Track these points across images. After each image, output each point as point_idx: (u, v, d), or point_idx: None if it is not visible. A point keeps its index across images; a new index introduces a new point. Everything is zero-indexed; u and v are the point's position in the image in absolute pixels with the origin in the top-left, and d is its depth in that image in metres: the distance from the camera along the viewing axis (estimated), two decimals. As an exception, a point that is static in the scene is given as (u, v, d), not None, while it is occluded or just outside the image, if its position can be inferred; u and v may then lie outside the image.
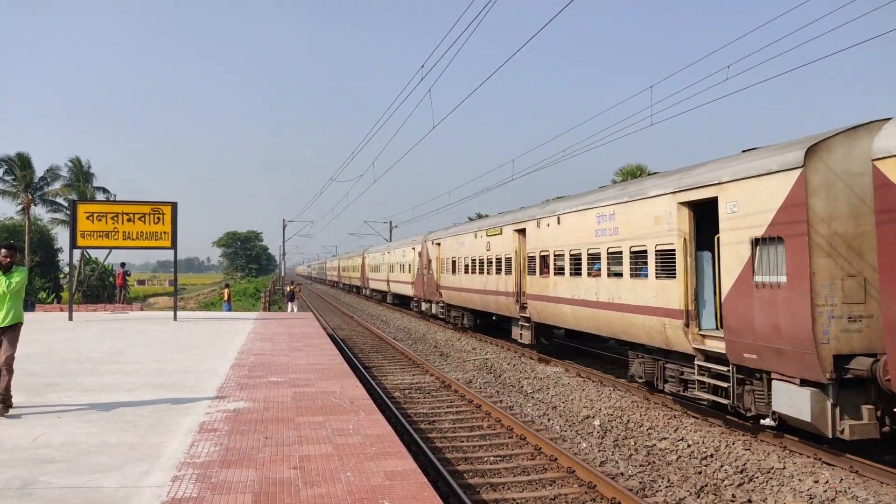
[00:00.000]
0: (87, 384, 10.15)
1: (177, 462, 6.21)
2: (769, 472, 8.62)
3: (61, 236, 54.28)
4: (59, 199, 51.41)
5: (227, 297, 34.56)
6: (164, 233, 21.22)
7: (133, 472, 5.92)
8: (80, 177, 52.66)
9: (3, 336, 8.01)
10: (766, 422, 9.43)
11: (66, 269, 50.61)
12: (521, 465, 9.19)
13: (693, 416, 11.60)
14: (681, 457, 9.51)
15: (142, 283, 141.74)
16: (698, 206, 11.01)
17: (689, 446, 9.89)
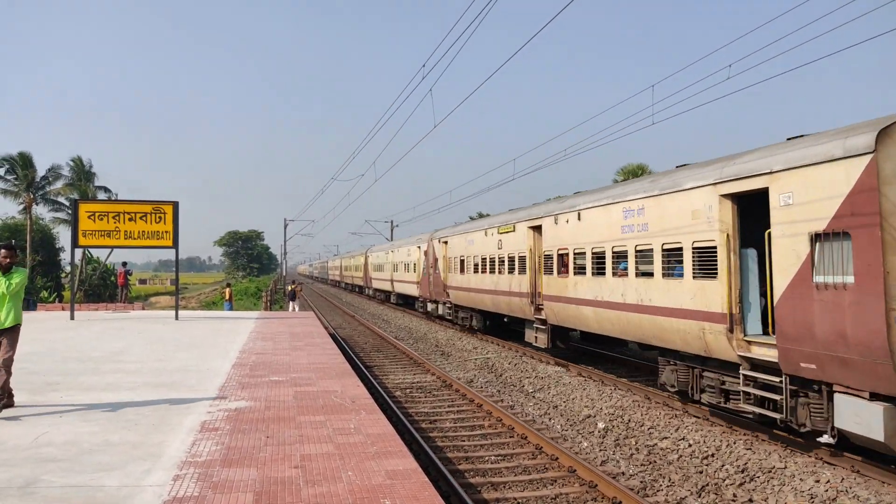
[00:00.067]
0: (88, 383, 10.16)
1: (178, 461, 6.22)
2: (770, 471, 8.62)
3: (63, 235, 54.43)
4: (60, 199, 51.54)
5: (228, 297, 34.58)
6: (166, 232, 21.26)
7: (135, 471, 5.93)
8: (82, 176, 52.75)
9: (3, 337, 7.99)
10: (825, 439, 8.58)
11: (68, 268, 50.70)
12: (522, 465, 9.19)
13: (694, 415, 11.60)
14: (682, 456, 9.51)
15: (143, 282, 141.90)
16: (743, 198, 10.03)
17: (690, 446, 9.89)
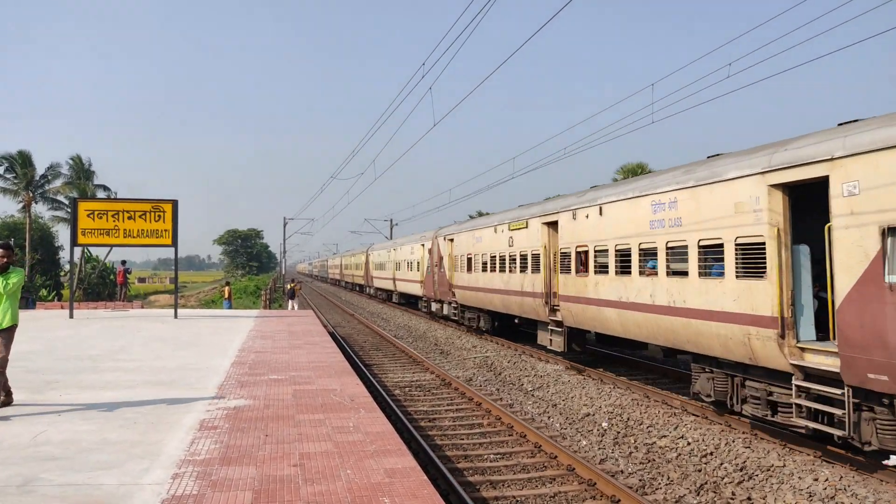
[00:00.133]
0: (87, 382, 10.16)
1: (177, 459, 6.22)
2: (769, 469, 8.63)
3: (62, 234, 54.46)
4: (59, 197, 51.57)
5: (227, 295, 34.57)
6: (165, 230, 21.25)
7: (133, 469, 5.93)
8: (81, 174, 52.77)
9: None
10: (894, 461, 7.87)
11: (67, 266, 50.71)
12: (520, 463, 9.20)
13: (693, 413, 11.61)
14: (681, 454, 9.52)
15: (142, 280, 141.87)
16: (795, 188, 9.19)
17: (688, 444, 9.90)
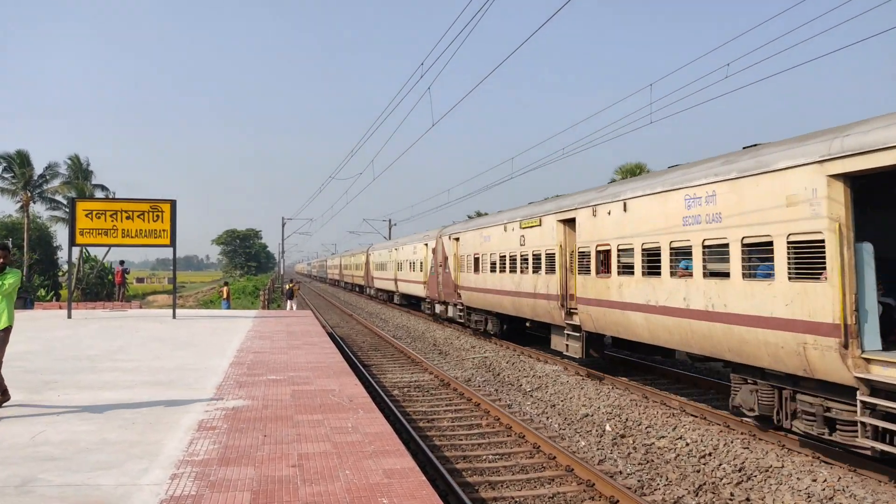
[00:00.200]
0: (86, 382, 10.15)
1: (176, 460, 6.22)
2: (767, 470, 8.63)
3: (60, 234, 54.39)
4: (58, 197, 51.48)
5: (226, 295, 34.57)
6: (164, 230, 21.24)
7: (132, 469, 5.92)
8: (79, 174, 52.70)
9: None
10: None
11: (66, 266, 50.63)
12: (519, 464, 9.20)
13: (692, 414, 11.61)
14: (679, 455, 9.53)
15: (141, 280, 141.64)
16: (859, 179, 8.31)
17: (687, 445, 9.90)
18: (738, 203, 9.86)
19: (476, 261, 23.08)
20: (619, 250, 13.23)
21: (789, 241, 8.85)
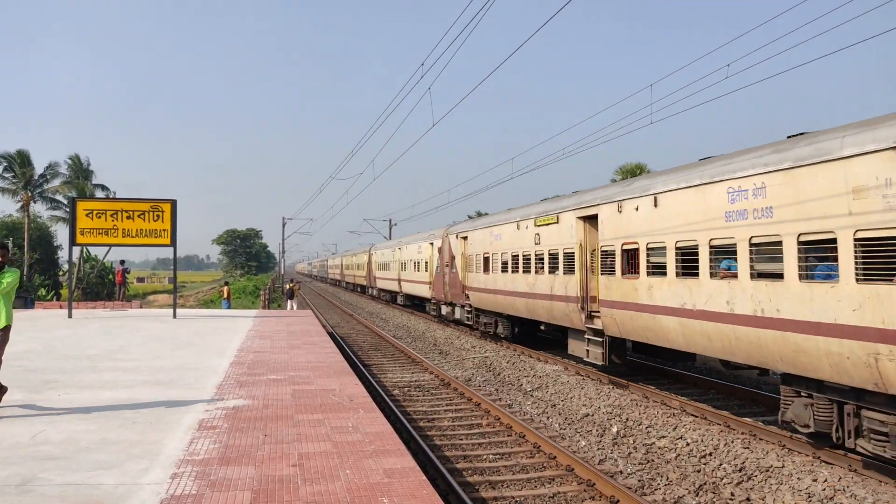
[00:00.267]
0: (86, 381, 10.15)
1: (176, 459, 6.22)
2: (768, 470, 8.63)
3: (61, 233, 54.44)
4: (58, 197, 51.53)
5: (226, 295, 34.57)
6: (164, 230, 21.25)
7: (132, 469, 5.93)
8: (80, 174, 52.75)
9: None
10: None
11: (66, 266, 50.65)
12: (519, 463, 9.20)
13: (692, 414, 11.61)
14: (680, 455, 9.52)
15: (141, 280, 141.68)
16: None
17: (688, 444, 9.90)
18: (793, 196, 8.85)
19: (486, 260, 22.12)
20: (648, 249, 12.30)
21: (857, 238, 7.90)
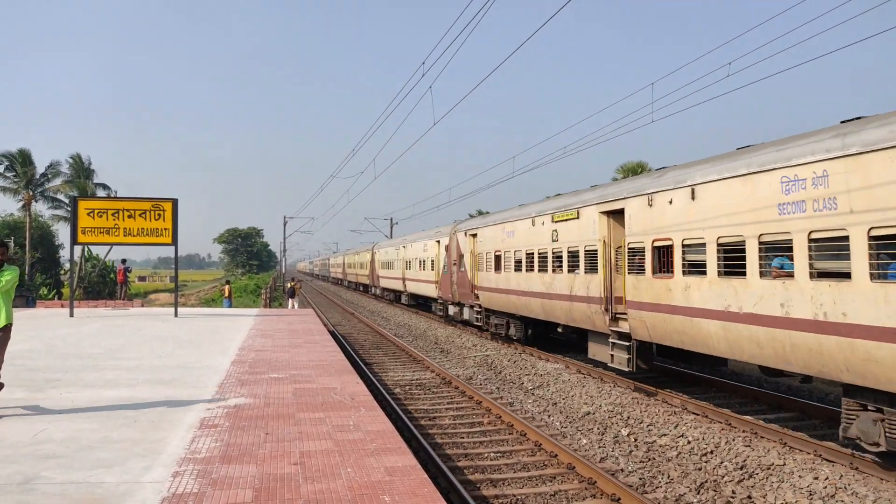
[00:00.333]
0: (88, 380, 10.17)
1: (178, 458, 6.23)
2: (769, 468, 8.63)
3: (62, 233, 54.51)
4: (59, 196, 51.55)
5: (227, 294, 34.58)
6: (165, 229, 21.25)
7: (134, 467, 5.94)
8: (81, 173, 52.76)
9: None
10: None
11: (67, 265, 50.74)
12: (521, 462, 9.20)
13: (693, 412, 11.61)
14: (681, 453, 9.53)
15: (143, 279, 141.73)
16: None
17: (689, 443, 9.90)
18: (862, 185, 7.87)
19: (497, 259, 21.01)
20: (684, 246, 11.34)
21: None
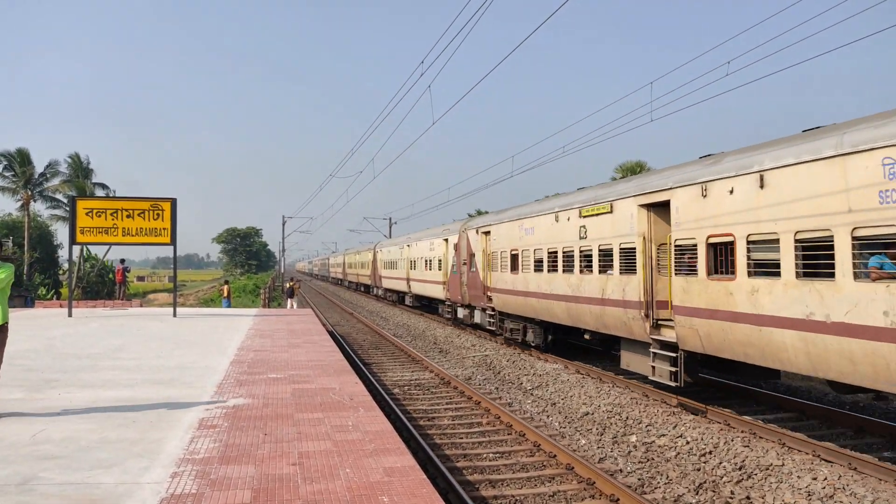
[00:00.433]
0: (86, 380, 10.15)
1: (176, 458, 6.22)
2: (768, 468, 8.64)
3: (61, 232, 54.48)
4: (58, 196, 51.53)
5: (226, 294, 34.58)
6: (164, 229, 21.23)
7: (133, 468, 5.93)
8: (80, 173, 52.77)
9: None
10: None
11: (66, 265, 50.67)
12: (519, 462, 9.20)
13: (692, 413, 11.61)
14: (679, 453, 9.53)
15: (141, 279, 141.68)
16: None
17: (687, 443, 9.91)
18: None
19: (514, 258, 19.41)
20: (750, 242, 9.86)
21: None
